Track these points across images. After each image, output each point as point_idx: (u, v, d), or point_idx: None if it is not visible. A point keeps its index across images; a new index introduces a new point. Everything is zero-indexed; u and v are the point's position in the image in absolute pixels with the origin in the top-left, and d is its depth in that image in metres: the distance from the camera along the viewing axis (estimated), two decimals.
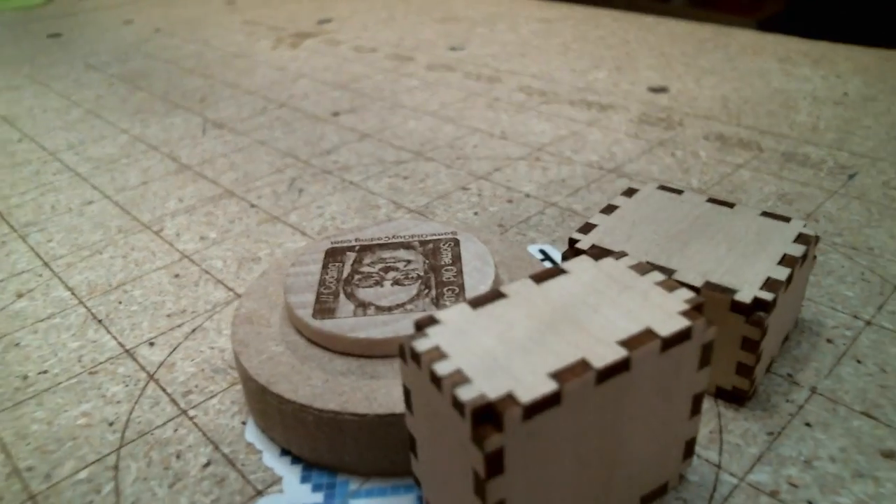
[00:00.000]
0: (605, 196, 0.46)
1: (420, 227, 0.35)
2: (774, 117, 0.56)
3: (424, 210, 0.45)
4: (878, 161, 0.48)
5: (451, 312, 0.23)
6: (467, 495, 0.22)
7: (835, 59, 0.67)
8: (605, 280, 0.24)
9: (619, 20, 0.84)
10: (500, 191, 0.47)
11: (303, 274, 0.32)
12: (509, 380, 0.20)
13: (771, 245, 0.31)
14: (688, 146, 0.52)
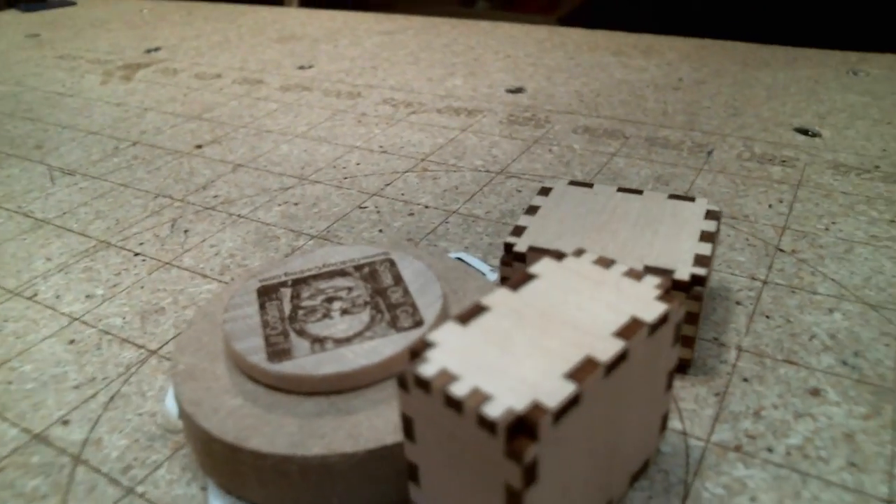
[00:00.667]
0: (501, 198, 0.47)
1: (348, 252, 0.34)
2: (627, 106, 0.60)
3: (327, 235, 0.44)
4: (727, 136, 0.54)
5: (443, 333, 0.23)
6: None
7: (661, 49, 0.74)
8: (576, 278, 0.25)
9: (458, 27, 0.87)
10: (398, 205, 0.47)
11: (240, 318, 0.30)
12: (529, 389, 0.20)
13: (687, 224, 0.33)
14: (561, 141, 0.55)
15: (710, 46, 0.74)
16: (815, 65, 0.67)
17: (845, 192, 0.45)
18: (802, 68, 0.67)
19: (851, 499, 0.26)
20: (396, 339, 0.28)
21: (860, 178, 0.47)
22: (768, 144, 0.52)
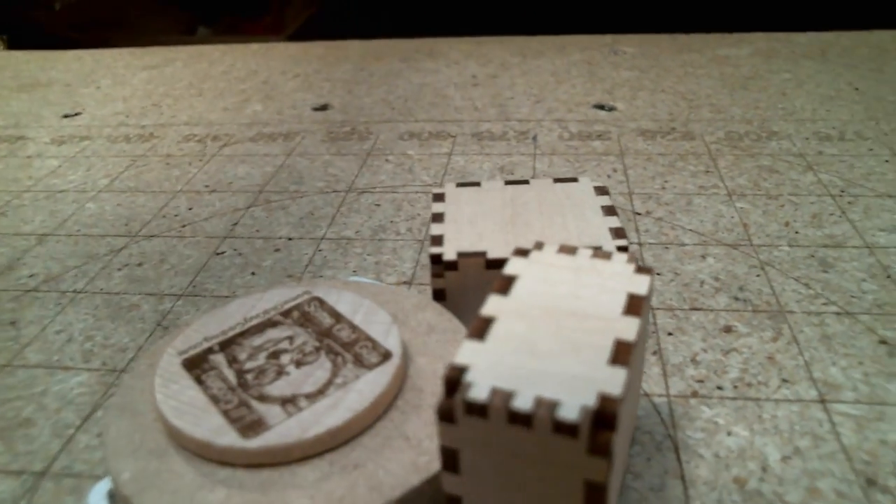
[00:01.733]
0: (364, 216, 0.46)
1: (265, 300, 0.31)
2: (438, 107, 0.62)
3: (195, 290, 0.39)
4: (541, 122, 0.58)
5: (467, 354, 0.22)
6: None
7: (444, 51, 0.77)
8: (554, 270, 0.25)
9: (227, 52, 0.82)
10: (258, 243, 0.43)
11: (180, 401, 0.25)
12: (586, 383, 0.20)
13: (586, 202, 0.35)
14: (393, 149, 0.54)
15: (487, 43, 0.78)
16: (582, 48, 0.75)
17: (660, 153, 0.51)
18: (573, 53, 0.74)
19: (797, 408, 0.30)
20: (374, 378, 0.26)
21: (666, 140, 0.53)
22: (579, 123, 0.57)
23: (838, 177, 0.47)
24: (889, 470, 0.27)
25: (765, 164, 0.49)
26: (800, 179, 0.47)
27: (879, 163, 0.48)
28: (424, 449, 0.24)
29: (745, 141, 0.52)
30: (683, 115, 0.57)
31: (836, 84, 0.62)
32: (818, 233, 0.41)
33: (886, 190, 0.45)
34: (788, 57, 0.69)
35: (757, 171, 0.48)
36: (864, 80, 0.63)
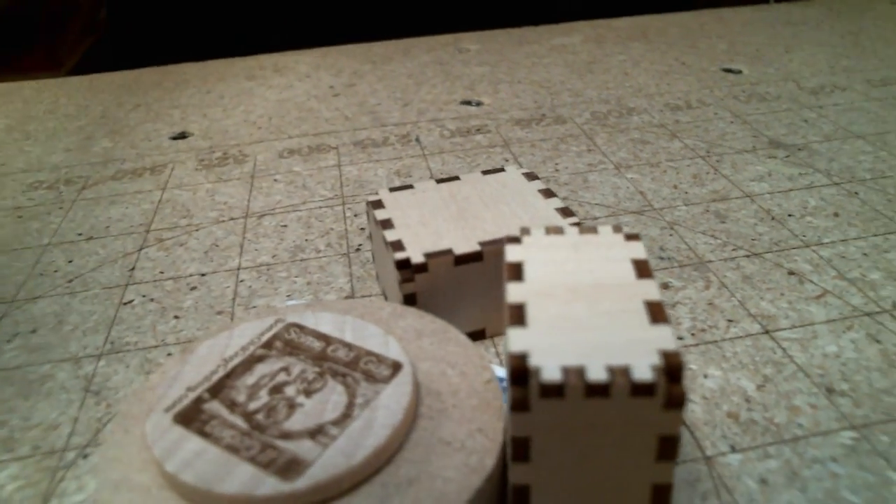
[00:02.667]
0: (274, 239, 0.43)
1: (236, 337, 0.28)
2: (308, 121, 0.60)
3: (114, 348, 0.35)
4: (417, 123, 0.58)
5: (519, 341, 0.22)
6: (636, 478, 0.22)
7: (286, 65, 0.75)
8: (554, 250, 0.26)
9: (43, 88, 0.73)
10: (169, 284, 0.40)
11: (191, 462, 0.23)
12: (643, 345, 0.21)
13: (522, 189, 0.36)
14: (278, 169, 0.52)
15: (332, 53, 0.77)
16: (428, 50, 0.77)
17: (541, 139, 0.54)
18: (420, 55, 0.75)
19: (750, 342, 0.33)
20: (395, 390, 0.25)
21: (541, 126, 0.56)
22: (454, 120, 0.58)
23: (700, 140, 0.52)
24: (839, 377, 0.31)
25: (636, 137, 0.53)
26: (669, 146, 0.52)
27: (727, 124, 0.55)
28: (470, 448, 0.24)
29: (610, 119, 0.57)
30: (548, 102, 0.61)
31: (666, 61, 0.69)
32: (703, 190, 0.46)
33: (742, 146, 0.51)
34: (616, 41, 0.76)
35: (632, 144, 0.52)
36: (685, 55, 0.70)
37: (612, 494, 0.22)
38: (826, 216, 0.42)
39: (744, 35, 0.75)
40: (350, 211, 0.46)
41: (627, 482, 0.22)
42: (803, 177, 0.46)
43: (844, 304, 0.35)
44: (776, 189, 0.45)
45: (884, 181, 0.45)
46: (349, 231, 0.44)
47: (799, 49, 0.70)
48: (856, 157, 0.48)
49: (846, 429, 0.28)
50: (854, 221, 0.41)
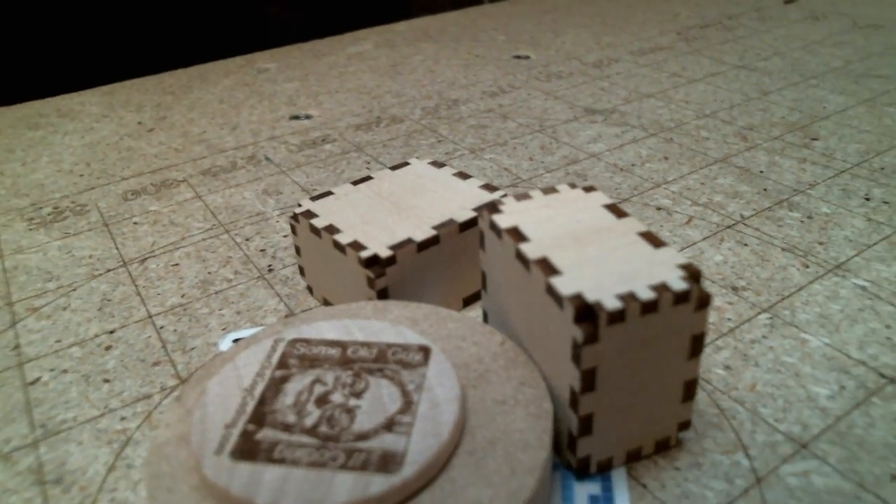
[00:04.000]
0: (171, 281, 0.41)
1: (242, 368, 0.27)
2: (135, 160, 0.56)
3: (54, 426, 0.31)
4: (258, 144, 0.57)
5: (564, 286, 0.24)
6: (672, 379, 0.26)
7: (71, 108, 0.68)
8: (538, 210, 0.29)
9: None
10: (76, 351, 0.36)
11: (285, 487, 0.22)
12: (659, 266, 0.25)
13: (438, 176, 0.38)
14: (132, 213, 0.48)
15: (118, 90, 0.72)
16: (225, 74, 0.74)
17: (391, 139, 0.56)
18: (220, 79, 0.73)
19: None
20: (437, 368, 0.26)
21: (384, 127, 0.58)
22: (293, 135, 0.58)
23: (528, 118, 0.58)
24: (735, 277, 0.38)
25: (473, 124, 0.58)
26: (506, 126, 0.57)
27: (543, 101, 0.62)
28: (524, 401, 0.26)
29: (441, 111, 0.61)
30: (375, 105, 0.63)
31: (461, 55, 0.75)
32: (555, 158, 0.51)
33: (565, 117, 0.58)
34: (406, 43, 0.80)
35: (473, 130, 0.57)
36: (476, 48, 0.77)
37: (653, 399, 0.26)
38: (659, 161, 0.50)
39: (514, 26, 0.84)
40: (239, 237, 0.44)
41: (665, 384, 0.26)
42: (626, 133, 0.54)
43: (708, 223, 0.42)
44: (611, 146, 0.52)
45: (686, 126, 0.55)
46: (249, 256, 0.42)
47: (564, 33, 0.80)
48: (656, 112, 0.58)
49: (760, 313, 0.35)
50: (681, 161, 0.50)
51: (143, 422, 0.31)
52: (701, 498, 0.26)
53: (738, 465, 0.27)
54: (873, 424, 0.29)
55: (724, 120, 0.56)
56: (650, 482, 0.27)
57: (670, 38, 0.76)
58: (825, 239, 0.40)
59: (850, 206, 0.43)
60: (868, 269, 0.37)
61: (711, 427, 0.29)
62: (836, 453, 0.27)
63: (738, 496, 0.26)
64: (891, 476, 0.26)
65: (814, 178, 0.46)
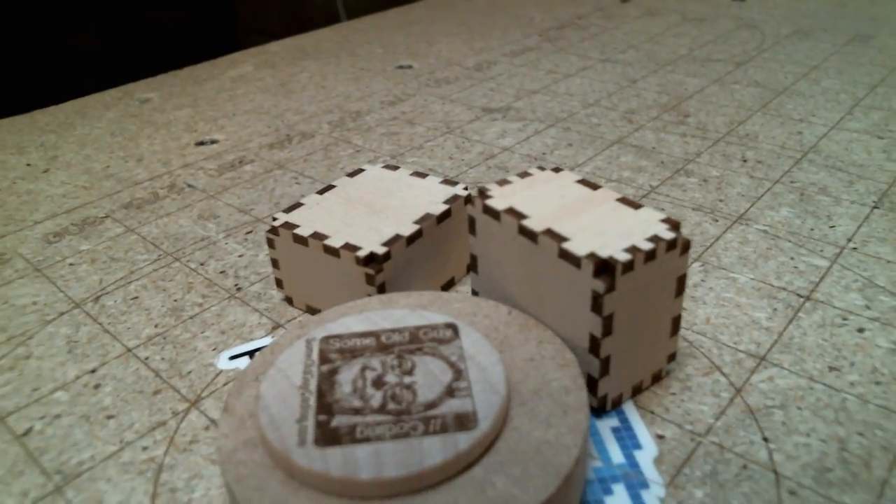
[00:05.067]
0: (138, 314, 0.40)
1: (283, 371, 0.28)
2: (43, 202, 0.53)
3: (72, 474, 0.30)
4: (173, 172, 0.56)
5: (576, 247, 0.28)
6: (662, 316, 0.30)
7: None
8: (518, 192, 0.32)
9: None
10: (63, 396, 0.34)
11: (381, 459, 0.24)
12: (646, 222, 0.29)
13: (398, 177, 0.41)
14: (51, 258, 0.46)
15: None
16: (105, 107, 0.71)
17: (308, 154, 0.58)
18: (102, 113, 0.70)
19: None
20: (471, 338, 0.29)
21: (298, 145, 0.60)
22: (207, 160, 0.58)
23: (434, 121, 0.62)
24: None
25: (384, 132, 0.61)
26: (416, 132, 0.60)
27: (441, 105, 0.66)
28: (548, 356, 0.30)
29: (348, 124, 0.63)
30: (280, 124, 0.64)
31: (345, 70, 0.77)
32: (472, 155, 0.56)
33: (468, 118, 0.62)
34: (285, 63, 0.81)
35: (387, 138, 0.60)
36: (358, 62, 0.79)
37: (650, 336, 0.31)
38: (565, 147, 0.56)
39: (386, 39, 0.88)
40: (192, 262, 0.44)
41: (659, 322, 0.31)
42: (527, 127, 0.60)
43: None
44: (518, 140, 0.57)
45: (577, 116, 0.61)
46: (210, 279, 0.43)
47: (437, 42, 0.85)
48: (546, 106, 0.64)
49: (693, 262, 0.41)
50: (584, 145, 0.56)
51: (169, 447, 0.31)
52: (699, 412, 0.31)
53: (718, 382, 0.32)
54: (806, 333, 0.35)
55: (607, 107, 0.63)
56: (655, 408, 0.31)
57: (535, 40, 0.83)
58: (723, 197, 0.47)
59: (733, 167, 0.51)
60: (763, 216, 0.45)
61: (687, 357, 0.34)
62: (786, 359, 0.34)
63: (727, 405, 0.31)
64: (829, 368, 0.33)
65: (697, 149, 0.54)
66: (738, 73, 0.68)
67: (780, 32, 0.80)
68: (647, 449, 0.29)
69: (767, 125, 0.57)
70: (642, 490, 0.28)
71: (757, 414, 0.31)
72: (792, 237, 0.43)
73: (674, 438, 0.30)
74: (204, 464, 0.30)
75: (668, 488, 0.28)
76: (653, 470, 0.29)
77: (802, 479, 0.28)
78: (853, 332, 0.35)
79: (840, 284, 0.38)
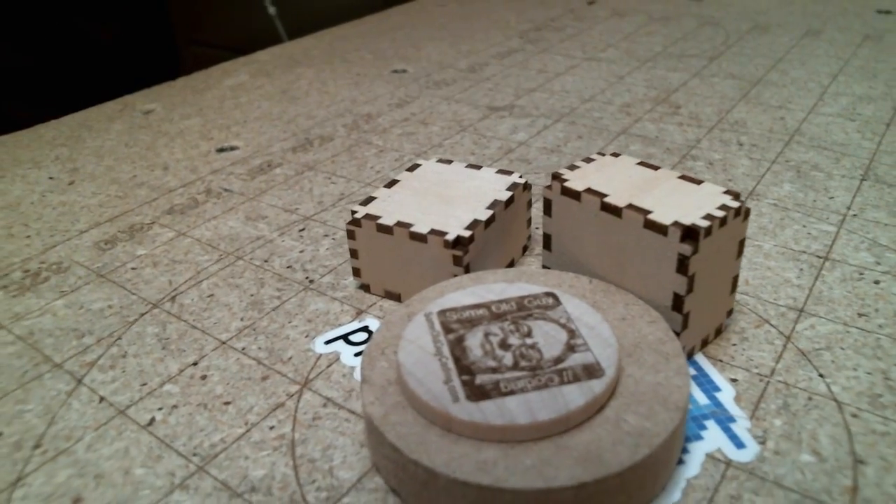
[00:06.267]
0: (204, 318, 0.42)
1: (418, 340, 0.31)
2: (61, 220, 0.54)
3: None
4: (204, 179, 0.58)
5: (661, 217, 0.32)
6: (724, 277, 0.35)
7: None
8: (590, 173, 0.36)
9: None
10: (185, 380, 0.36)
11: (531, 406, 0.27)
12: (709, 196, 0.34)
13: (454, 169, 0.44)
14: (121, 262, 0.48)
15: None
16: (109, 119, 0.71)
17: (333, 155, 0.60)
18: (108, 125, 0.70)
19: None
20: (572, 303, 0.33)
21: (312, 150, 0.62)
22: (235, 165, 0.60)
23: (445, 120, 0.66)
24: None
25: (401, 132, 0.64)
26: (432, 129, 0.64)
27: (448, 105, 0.69)
28: (638, 314, 0.34)
29: (363, 126, 0.66)
30: (296, 129, 0.66)
31: (343, 76, 0.80)
32: (491, 150, 0.59)
33: (478, 116, 0.66)
34: (278, 70, 0.83)
35: (405, 137, 0.63)
36: (353, 68, 0.82)
37: (717, 294, 0.35)
38: (577, 139, 0.60)
39: (372, 45, 0.90)
40: (255, 260, 0.46)
41: (723, 281, 0.35)
42: (536, 122, 0.64)
43: None
44: (531, 134, 0.62)
45: (578, 111, 0.66)
46: (280, 274, 0.45)
47: (423, 46, 0.88)
48: (546, 103, 0.68)
49: None
50: (593, 137, 0.60)
51: (294, 425, 0.34)
52: (760, 358, 0.36)
53: (770, 332, 0.37)
54: (832, 287, 0.40)
55: (604, 102, 0.68)
56: (723, 357, 0.36)
57: (517, 42, 0.88)
58: (731, 177, 0.53)
59: (732, 151, 0.57)
60: (770, 192, 0.50)
61: (738, 313, 0.39)
62: (821, 310, 0.39)
63: (782, 351, 0.36)
64: (858, 314, 0.38)
65: (696, 136, 0.59)
66: (713, 67, 0.75)
67: (740, 29, 0.87)
68: (726, 391, 0.34)
69: (752, 112, 0.63)
70: (730, 423, 0.32)
71: (808, 356, 0.36)
72: (799, 208, 0.48)
73: (745, 381, 0.34)
74: (333, 436, 0.33)
75: (752, 420, 0.32)
76: (735, 407, 0.33)
77: (859, 404, 0.33)
78: (871, 284, 0.41)
79: (850, 246, 0.44)
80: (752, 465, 0.30)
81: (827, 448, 0.31)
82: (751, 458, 0.31)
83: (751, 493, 0.29)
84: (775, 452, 0.31)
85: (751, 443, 0.31)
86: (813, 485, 0.29)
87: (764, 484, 0.29)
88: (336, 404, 0.35)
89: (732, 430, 0.32)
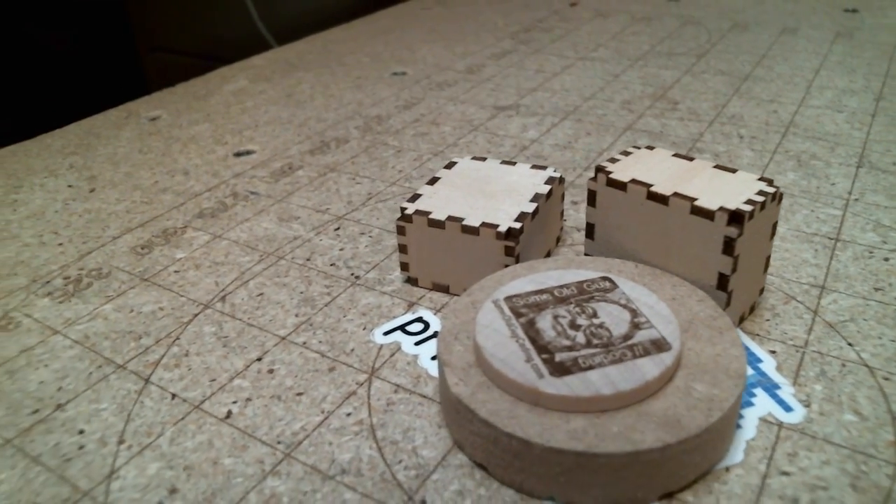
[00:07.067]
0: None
1: (491, 326, 0.34)
2: (95, 226, 0.55)
3: None
4: (228, 183, 0.59)
5: (706, 203, 0.35)
6: (758, 258, 0.38)
7: None
8: (630, 166, 0.39)
9: None
10: (251, 373, 0.38)
11: (612, 379, 0.30)
12: (746, 182, 0.37)
13: (490, 165, 0.46)
14: (161, 265, 0.49)
15: (14, 155, 0.66)
16: (116, 127, 0.72)
17: (353, 156, 0.62)
18: (117, 132, 0.70)
19: None
20: (627, 284, 0.35)
21: (331, 151, 0.64)
22: (257, 167, 0.61)
23: (455, 120, 0.68)
24: None
25: (414, 132, 0.66)
26: (444, 129, 0.66)
27: (456, 106, 0.71)
28: (687, 293, 0.36)
29: (375, 127, 0.68)
30: (309, 132, 0.67)
31: (342, 79, 0.81)
32: (506, 147, 0.62)
33: (486, 116, 0.68)
34: (277, 75, 0.84)
35: (420, 138, 0.65)
36: (352, 71, 0.84)
37: (753, 273, 0.38)
38: (587, 136, 0.63)
39: (367, 49, 0.92)
40: (297, 260, 0.48)
41: (758, 260, 0.38)
42: (544, 120, 0.67)
43: None
44: (541, 132, 0.64)
45: (581, 108, 0.69)
46: (325, 272, 0.46)
47: (418, 49, 0.90)
48: (550, 101, 0.71)
49: None
50: (602, 133, 0.63)
51: (370, 411, 0.36)
52: (793, 331, 0.39)
53: (798, 307, 0.41)
54: (846, 265, 0.44)
55: (605, 99, 0.71)
56: (759, 331, 0.39)
57: (508, 43, 0.90)
58: (737, 167, 0.56)
59: (734, 143, 0.60)
60: (776, 180, 0.54)
61: (766, 292, 0.42)
62: (840, 286, 0.42)
63: (812, 324, 0.39)
64: (874, 289, 0.42)
65: (698, 130, 0.63)
66: (702, 64, 0.78)
67: (721, 27, 0.91)
68: (767, 362, 0.37)
69: (746, 106, 0.67)
70: (776, 390, 0.35)
71: (836, 327, 0.39)
72: (805, 195, 0.52)
73: (783, 352, 0.37)
74: (411, 419, 0.35)
75: (795, 387, 0.35)
76: (778, 375, 0.36)
77: (889, 368, 0.36)
78: (881, 261, 0.44)
79: (857, 227, 0.48)
80: (801, 425, 0.33)
81: (866, 408, 0.34)
82: (799, 419, 0.33)
83: (805, 450, 0.32)
84: (820, 414, 0.34)
85: (797, 406, 0.34)
86: (859, 440, 0.32)
87: (815, 441, 0.32)
88: (406, 390, 0.37)
89: (779, 396, 0.35)
